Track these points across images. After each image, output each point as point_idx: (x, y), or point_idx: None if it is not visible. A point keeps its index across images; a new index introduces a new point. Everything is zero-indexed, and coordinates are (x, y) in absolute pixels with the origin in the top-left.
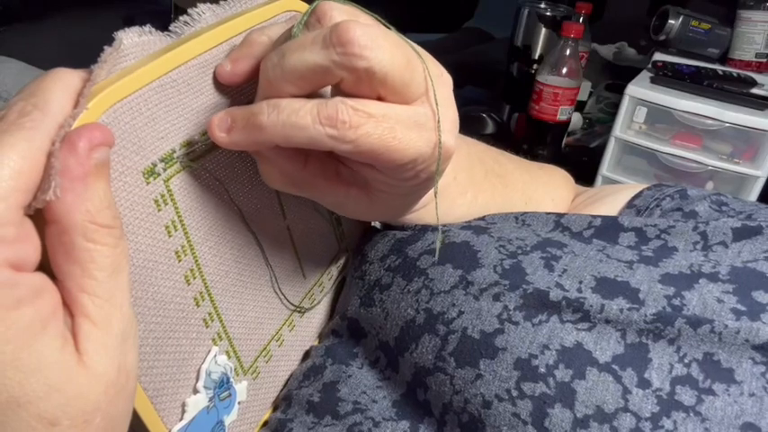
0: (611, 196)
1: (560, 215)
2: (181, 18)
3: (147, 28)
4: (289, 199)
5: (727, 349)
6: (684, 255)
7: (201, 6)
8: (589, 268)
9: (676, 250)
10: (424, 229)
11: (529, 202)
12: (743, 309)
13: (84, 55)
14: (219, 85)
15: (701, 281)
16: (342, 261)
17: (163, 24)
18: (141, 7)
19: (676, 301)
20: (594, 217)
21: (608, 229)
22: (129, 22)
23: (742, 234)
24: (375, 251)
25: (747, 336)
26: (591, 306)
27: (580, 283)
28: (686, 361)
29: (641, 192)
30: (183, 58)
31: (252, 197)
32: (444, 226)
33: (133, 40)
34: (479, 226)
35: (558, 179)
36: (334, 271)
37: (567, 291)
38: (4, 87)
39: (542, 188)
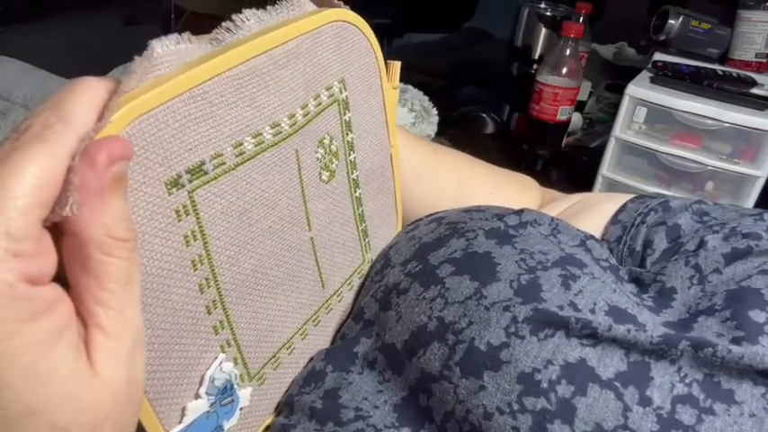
0: (597, 207)
1: (588, 236)
2: (224, 24)
3: (186, 35)
4: (317, 210)
5: (728, 372)
6: (683, 296)
7: (246, 12)
8: (604, 294)
9: (675, 292)
10: (450, 234)
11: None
12: (741, 335)
13: (84, 54)
14: (255, 97)
15: (699, 319)
16: (365, 271)
17: (163, 24)
18: (141, 7)
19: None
20: (610, 257)
21: (616, 270)
22: (130, 21)
23: (733, 257)
24: (398, 255)
25: (751, 361)
26: (599, 324)
27: (594, 304)
28: (687, 381)
29: (625, 205)
30: (217, 70)
31: (278, 209)
32: (474, 227)
33: (168, 49)
34: (507, 231)
35: (520, 177)
36: (355, 281)
37: (580, 311)
38: (5, 87)
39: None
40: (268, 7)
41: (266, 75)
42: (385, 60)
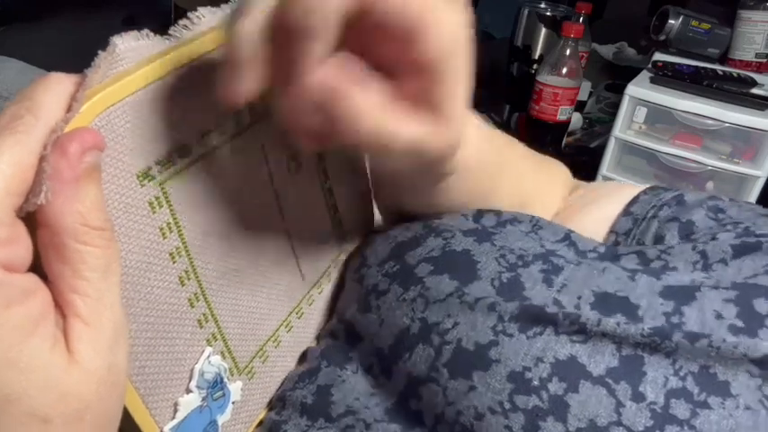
0: (607, 198)
1: (571, 231)
2: (180, 22)
3: (145, 32)
4: (288, 201)
5: (723, 362)
6: (685, 274)
7: (201, 9)
8: (589, 282)
9: (677, 270)
10: (427, 233)
11: (522, 205)
12: (741, 325)
13: (84, 55)
14: (217, 87)
15: (702, 289)
16: (342, 262)
17: (163, 24)
18: (141, 7)
19: (675, 319)
20: (600, 245)
21: (609, 255)
22: (130, 22)
23: (741, 251)
24: (375, 255)
25: (746, 350)
26: (588, 319)
27: (578, 299)
28: (681, 374)
29: (638, 196)
30: (179, 62)
31: (249, 199)
32: (450, 226)
33: (129, 45)
34: (485, 230)
35: (556, 178)
36: (333, 273)
37: (565, 307)
38: (5, 87)
39: (538, 188)
40: (222, 4)
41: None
42: None
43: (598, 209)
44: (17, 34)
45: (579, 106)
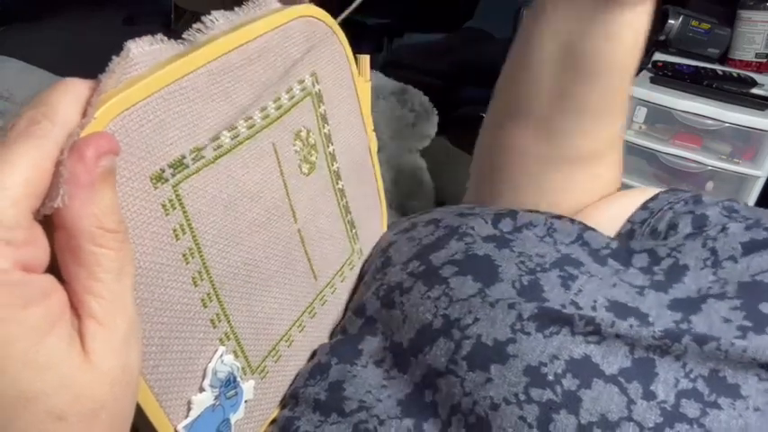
0: (625, 197)
1: (584, 228)
2: (194, 26)
3: (159, 36)
4: (301, 202)
5: (733, 366)
6: (695, 275)
7: (215, 13)
8: (603, 291)
9: (687, 269)
10: (449, 237)
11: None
12: (749, 324)
13: (84, 54)
14: (228, 91)
15: (708, 300)
16: (356, 263)
17: (163, 24)
18: (141, 7)
19: (684, 325)
20: (612, 239)
21: (622, 252)
22: (129, 22)
23: (751, 248)
24: (399, 255)
25: (754, 354)
26: (602, 320)
27: (594, 302)
28: (692, 376)
29: (657, 194)
30: (191, 66)
31: (262, 200)
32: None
33: (143, 50)
34: (503, 236)
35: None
36: (347, 272)
37: (582, 309)
38: (5, 87)
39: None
40: (235, 8)
41: (239, 69)
42: (354, 54)
43: (615, 206)
44: (17, 34)
45: None
